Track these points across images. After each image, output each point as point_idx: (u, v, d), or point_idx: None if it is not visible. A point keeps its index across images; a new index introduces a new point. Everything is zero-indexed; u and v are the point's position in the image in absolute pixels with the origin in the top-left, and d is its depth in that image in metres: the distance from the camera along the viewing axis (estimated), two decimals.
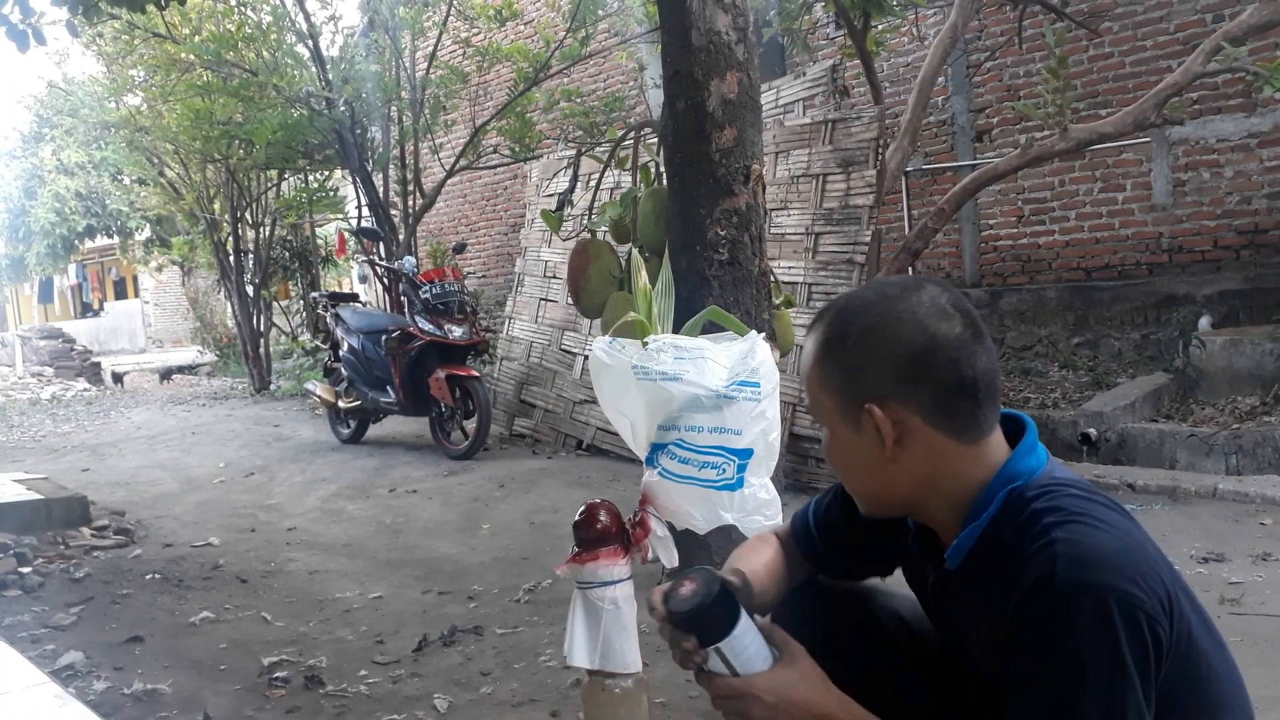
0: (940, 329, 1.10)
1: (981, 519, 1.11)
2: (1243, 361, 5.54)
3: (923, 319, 1.10)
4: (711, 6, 3.32)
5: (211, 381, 13.81)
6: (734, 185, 3.36)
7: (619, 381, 1.98)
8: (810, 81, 5.99)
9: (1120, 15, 6.81)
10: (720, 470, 1.98)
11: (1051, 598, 0.98)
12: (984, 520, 1.11)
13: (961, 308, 1.12)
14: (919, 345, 1.10)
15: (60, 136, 16.13)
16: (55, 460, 7.42)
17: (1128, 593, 0.97)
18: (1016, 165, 5.15)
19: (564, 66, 9.10)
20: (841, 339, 1.15)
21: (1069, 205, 7.23)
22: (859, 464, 1.17)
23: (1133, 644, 0.96)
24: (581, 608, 1.85)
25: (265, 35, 9.23)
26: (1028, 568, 1.01)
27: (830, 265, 5.41)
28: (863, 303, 1.16)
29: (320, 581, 4.07)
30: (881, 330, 1.12)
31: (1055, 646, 0.97)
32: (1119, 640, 0.96)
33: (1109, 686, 0.95)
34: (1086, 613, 0.96)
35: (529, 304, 7.32)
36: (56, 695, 2.29)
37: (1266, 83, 4.46)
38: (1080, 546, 0.99)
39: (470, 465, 6.32)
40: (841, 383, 1.14)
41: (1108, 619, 0.96)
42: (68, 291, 29.78)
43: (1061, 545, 1.00)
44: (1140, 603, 0.97)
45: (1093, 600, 0.96)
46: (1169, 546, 3.77)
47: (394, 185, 9.93)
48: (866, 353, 1.12)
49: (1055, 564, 0.99)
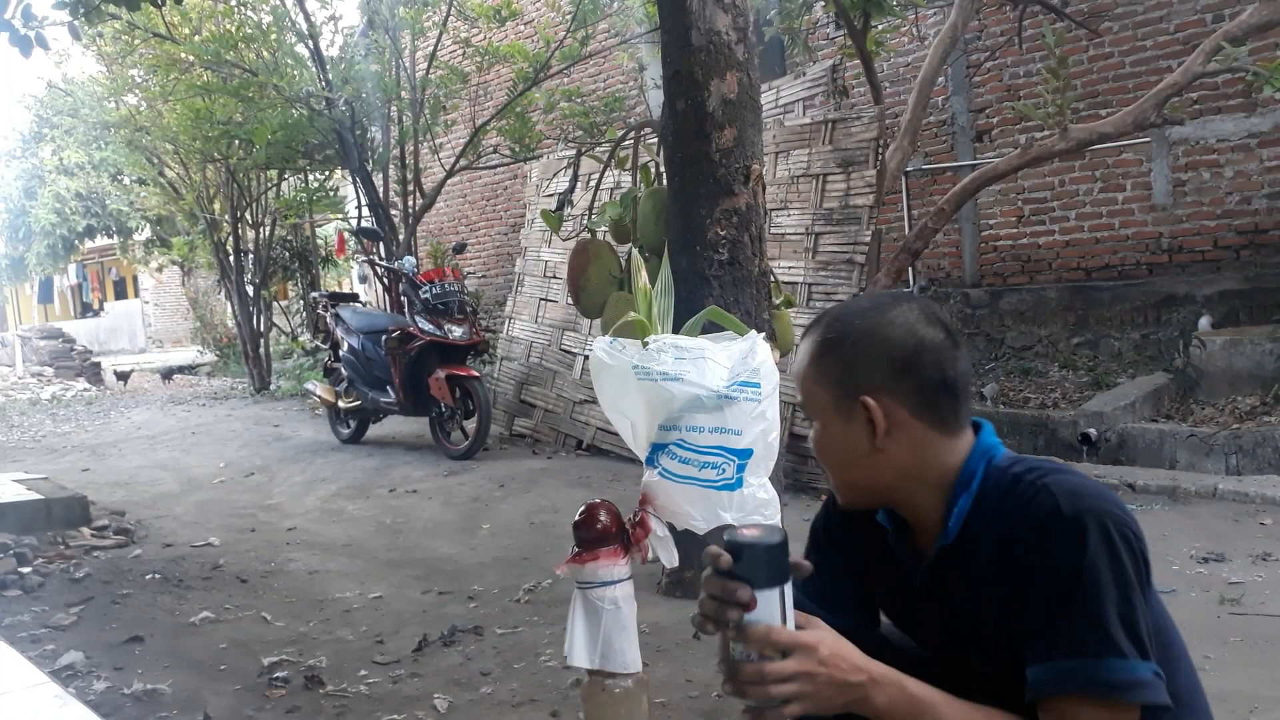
0: (927, 334, 1.25)
1: (972, 487, 1.23)
2: (1243, 361, 5.54)
3: (912, 325, 1.25)
4: (711, 6, 3.32)
5: (211, 381, 13.82)
6: (734, 185, 3.36)
7: (619, 381, 1.98)
8: (810, 81, 6.00)
9: (1120, 15, 6.81)
10: (720, 470, 1.97)
11: (1061, 526, 1.12)
12: (974, 488, 1.23)
13: (942, 320, 1.28)
14: (909, 346, 1.24)
15: (60, 137, 16.11)
16: (55, 460, 7.42)
17: (1117, 515, 1.13)
18: (1016, 165, 5.15)
19: (564, 66, 9.10)
20: (840, 339, 1.27)
21: (1069, 205, 7.23)
22: (848, 454, 1.28)
23: (1130, 556, 1.12)
24: (581, 608, 1.85)
25: (265, 35, 9.23)
26: (1030, 510, 1.16)
27: (830, 265, 5.41)
28: (858, 309, 1.31)
29: (320, 581, 4.07)
30: (876, 332, 1.26)
31: (1073, 566, 1.11)
32: (1120, 553, 1.11)
33: (1122, 594, 1.10)
34: (1092, 533, 1.11)
35: (529, 304, 7.32)
36: (56, 695, 2.29)
37: (1266, 83, 4.46)
38: (1070, 485, 1.16)
39: (470, 465, 6.32)
40: (839, 377, 1.26)
41: (1108, 536, 1.11)
42: (68, 291, 29.78)
43: (1055, 486, 1.16)
44: (1128, 522, 1.14)
45: (1095, 522, 1.12)
46: (1169, 546, 3.77)
47: (394, 185, 9.93)
48: (863, 351, 1.25)
49: (1057, 499, 1.14)
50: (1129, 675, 1.09)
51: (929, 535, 1.29)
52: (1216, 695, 2.49)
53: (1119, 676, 1.09)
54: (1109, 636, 1.09)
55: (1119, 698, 1.09)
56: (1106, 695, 1.09)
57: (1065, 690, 1.11)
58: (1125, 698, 1.09)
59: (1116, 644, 1.09)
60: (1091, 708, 1.10)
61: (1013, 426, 5.68)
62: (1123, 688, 1.09)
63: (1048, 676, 1.13)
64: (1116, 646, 1.09)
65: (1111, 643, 1.09)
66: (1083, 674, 1.10)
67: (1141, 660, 1.10)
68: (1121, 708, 1.10)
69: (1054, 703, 1.12)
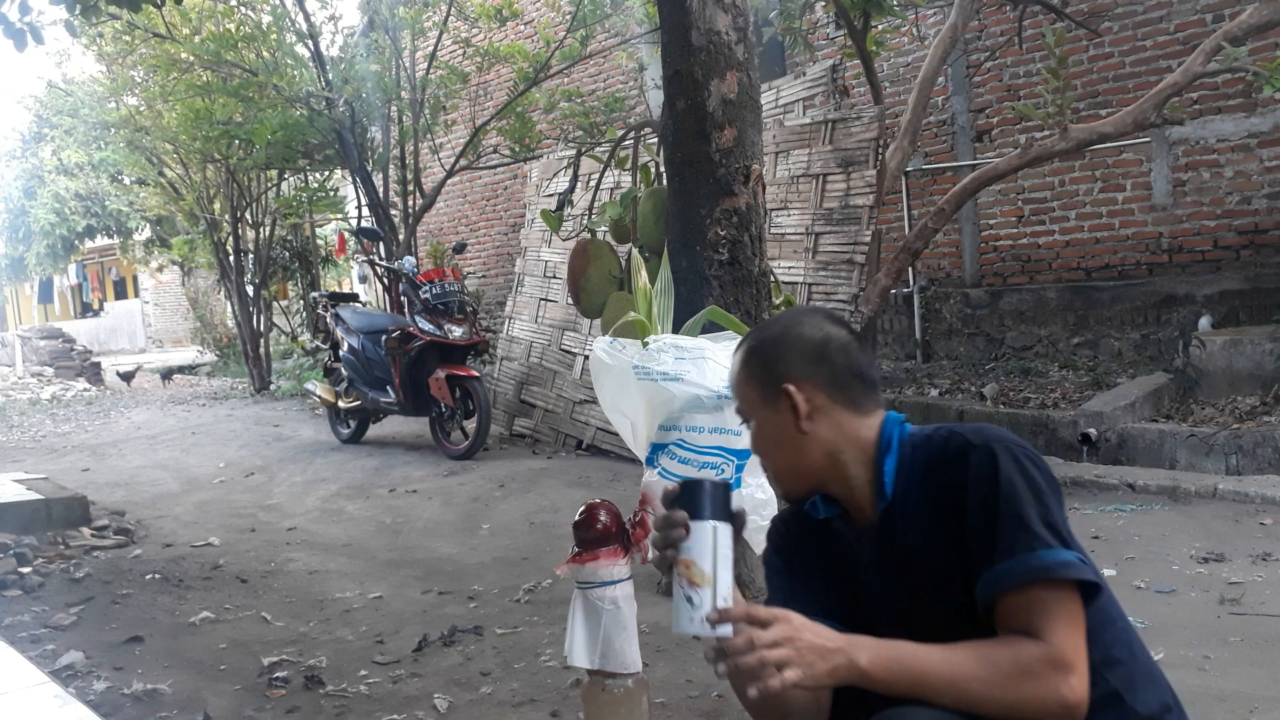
0: (833, 331, 1.45)
1: (893, 448, 1.40)
2: (1243, 361, 5.54)
3: (820, 324, 1.46)
4: (711, 6, 3.32)
5: (211, 381, 13.81)
6: (734, 185, 3.36)
7: (619, 381, 1.98)
8: (810, 81, 5.99)
9: (1120, 15, 6.80)
10: (720, 470, 1.98)
11: (975, 455, 1.31)
12: (895, 449, 1.40)
13: (847, 324, 1.50)
14: (818, 339, 1.44)
15: (60, 137, 16.09)
16: (55, 460, 7.42)
17: (1019, 443, 1.32)
18: (1016, 165, 5.15)
19: (564, 66, 9.10)
20: (761, 343, 1.47)
21: (1069, 205, 7.22)
22: (780, 440, 1.43)
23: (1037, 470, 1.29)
24: (581, 608, 1.85)
25: (265, 35, 9.22)
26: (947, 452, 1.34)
27: (830, 265, 5.41)
28: (775, 321, 1.54)
29: (320, 581, 4.07)
30: (790, 331, 1.46)
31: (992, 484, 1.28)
32: (1028, 468, 1.29)
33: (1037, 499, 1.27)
34: (1002, 455, 1.29)
35: (529, 304, 7.32)
36: (56, 695, 2.29)
37: (1266, 83, 4.46)
38: (974, 427, 1.36)
39: (470, 465, 6.32)
40: (762, 374, 1.44)
41: (1015, 456, 1.29)
42: (68, 291, 29.78)
43: (962, 429, 1.36)
44: (1029, 449, 1.32)
45: (1001, 447, 1.30)
46: (1169, 546, 3.78)
47: (394, 185, 9.93)
48: (781, 348, 1.44)
49: (966, 437, 1.34)
50: (1056, 558, 1.24)
51: (866, 509, 1.42)
52: (1217, 695, 2.50)
53: (1047, 560, 1.24)
54: (1034, 534, 1.25)
55: (1051, 576, 1.23)
56: (1041, 578, 1.23)
57: (1007, 586, 1.25)
58: (1056, 575, 1.23)
59: (1041, 537, 1.25)
60: (1036, 592, 1.24)
61: (1013, 427, 5.68)
62: (1053, 568, 1.23)
63: (991, 580, 1.26)
64: (1042, 539, 1.25)
65: (1038, 537, 1.25)
66: (1019, 567, 1.24)
67: (1065, 548, 1.25)
68: (1060, 587, 1.24)
69: (1004, 602, 1.26)
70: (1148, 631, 2.94)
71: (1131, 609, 3.11)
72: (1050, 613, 1.23)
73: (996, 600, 1.26)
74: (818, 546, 1.49)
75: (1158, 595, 3.29)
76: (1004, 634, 1.25)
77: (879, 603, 1.41)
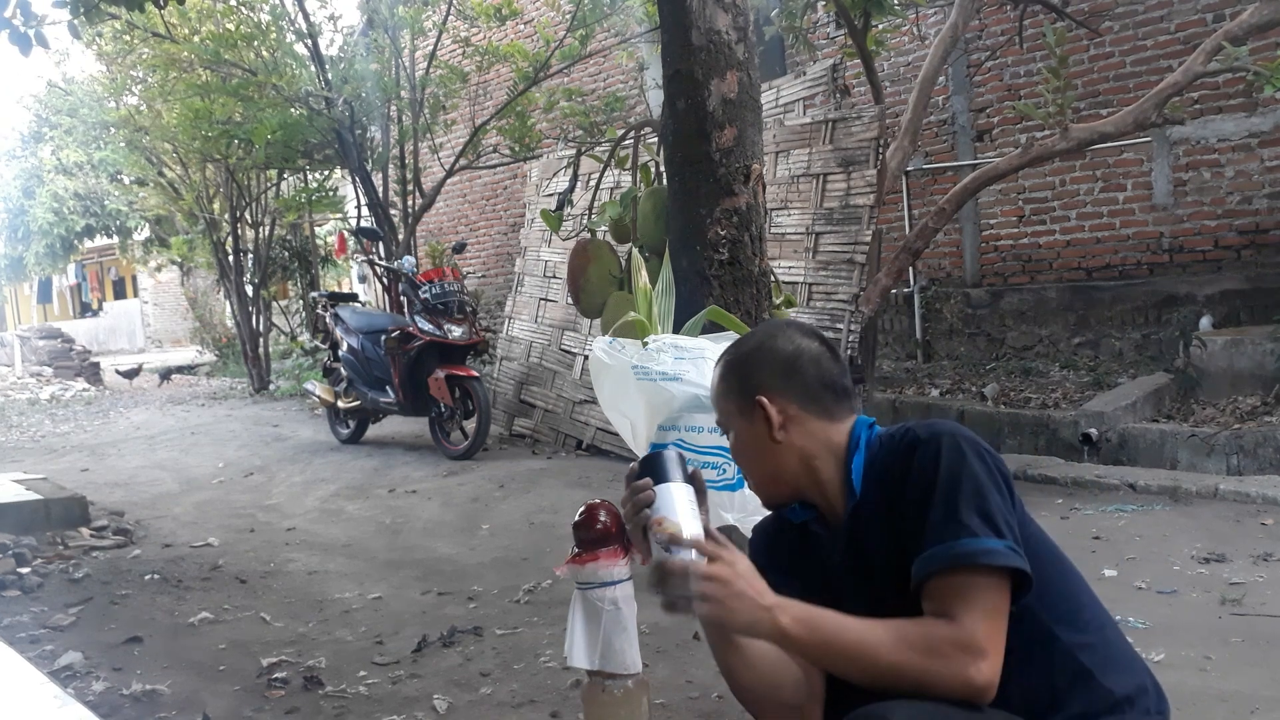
0: (805, 344, 1.51)
1: (860, 448, 1.45)
2: (1244, 361, 5.54)
3: (792, 338, 1.52)
4: (711, 6, 3.32)
5: (211, 381, 13.81)
6: (734, 185, 3.36)
7: (619, 381, 1.98)
8: (810, 81, 5.99)
9: (1120, 15, 6.80)
10: (720, 470, 1.97)
11: (920, 447, 1.35)
12: (862, 448, 1.44)
13: (820, 336, 1.55)
14: (789, 352, 1.50)
15: (60, 136, 16.09)
16: (54, 460, 7.42)
17: (968, 435, 1.35)
18: (1017, 165, 5.14)
19: (564, 66, 9.09)
20: (737, 358, 1.54)
21: (1069, 205, 7.22)
22: (756, 450, 1.49)
23: (979, 461, 1.31)
24: (581, 608, 1.84)
25: (265, 35, 9.22)
26: (899, 446, 1.39)
27: (830, 265, 5.40)
28: (750, 336, 1.61)
29: (320, 582, 4.07)
30: (764, 346, 1.52)
31: (930, 473, 1.32)
32: (968, 457, 1.31)
33: (974, 488, 1.29)
34: (945, 445, 1.32)
35: (529, 304, 7.31)
36: (56, 695, 2.28)
37: (1267, 82, 4.45)
38: (928, 422, 1.40)
39: (470, 465, 6.31)
40: (739, 387, 1.50)
41: (958, 446, 1.32)
42: (67, 291, 29.76)
43: (916, 425, 1.40)
44: (979, 441, 1.34)
45: (948, 438, 1.33)
46: (1170, 546, 3.77)
47: (394, 185, 9.92)
48: (755, 362, 1.51)
49: (915, 431, 1.38)
50: (979, 545, 1.26)
51: (838, 509, 1.47)
52: (1218, 695, 2.49)
53: (971, 547, 1.26)
54: (961, 522, 1.27)
55: (974, 562, 1.26)
56: (963, 563, 1.26)
57: (932, 570, 1.28)
58: (979, 562, 1.25)
59: (968, 526, 1.27)
60: (956, 577, 1.27)
61: (1013, 426, 5.68)
62: (974, 555, 1.26)
63: (919, 566, 1.29)
64: (968, 528, 1.27)
65: (964, 526, 1.27)
66: (942, 553, 1.27)
67: (993, 537, 1.27)
68: (982, 573, 1.26)
69: (928, 587, 1.29)
70: (1149, 632, 2.94)
71: (1132, 609, 3.10)
72: (966, 597, 1.25)
73: (922, 585, 1.29)
74: (796, 550, 1.54)
75: (1159, 595, 3.28)
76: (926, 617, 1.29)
77: (851, 601, 1.42)
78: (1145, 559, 3.66)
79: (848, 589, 1.43)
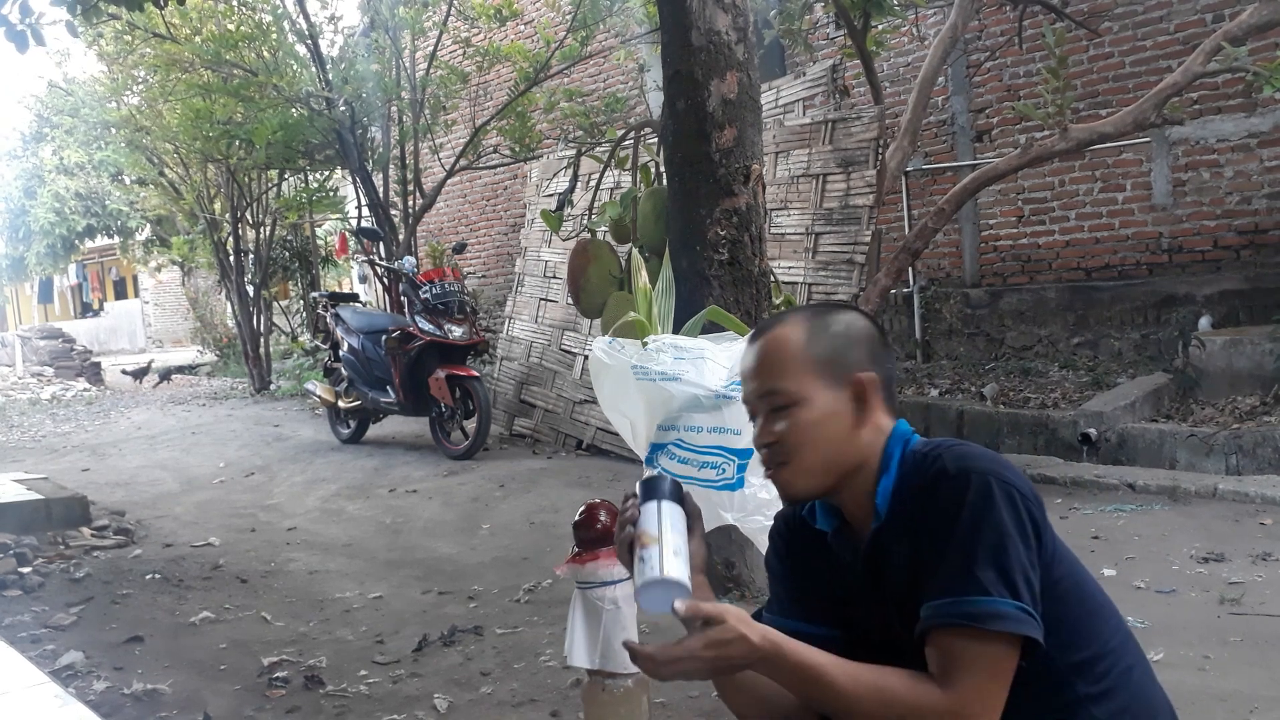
0: (877, 334, 1.42)
1: (890, 468, 1.34)
2: (1243, 361, 5.54)
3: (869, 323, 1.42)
4: (711, 6, 3.32)
5: (211, 381, 13.81)
6: (734, 185, 3.36)
7: (619, 381, 1.98)
8: (810, 81, 5.99)
9: (1120, 15, 6.80)
10: (720, 470, 1.98)
11: (945, 483, 1.24)
12: (893, 469, 1.34)
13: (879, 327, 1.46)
14: (878, 337, 1.41)
15: (60, 137, 16.10)
16: (55, 460, 7.42)
17: (1001, 474, 1.23)
18: (1016, 165, 5.14)
19: (564, 66, 9.10)
20: (826, 325, 1.39)
21: (1069, 205, 7.22)
22: (831, 432, 1.35)
23: (1009, 508, 1.21)
24: (581, 608, 1.85)
25: (265, 35, 9.22)
26: (925, 477, 1.28)
27: (830, 265, 5.41)
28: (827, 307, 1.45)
29: (320, 581, 4.07)
30: (855, 321, 1.41)
31: (951, 516, 1.22)
32: (996, 504, 1.20)
33: (996, 539, 1.19)
34: (973, 487, 1.22)
35: (529, 304, 7.32)
36: (56, 695, 2.28)
37: (1266, 83, 4.45)
38: (960, 452, 1.28)
39: (470, 465, 6.32)
40: (831, 357, 1.36)
41: (987, 489, 1.21)
42: (68, 291, 29.77)
43: (946, 454, 1.28)
44: (1014, 481, 1.23)
45: (977, 478, 1.22)
46: (1169, 546, 3.78)
47: (394, 185, 9.93)
48: (852, 334, 1.38)
49: (944, 463, 1.27)
50: (986, 607, 1.17)
51: (862, 524, 1.37)
52: (1217, 695, 2.50)
53: (977, 608, 1.17)
54: (974, 576, 1.18)
55: (977, 626, 1.17)
56: (968, 624, 1.17)
57: (934, 624, 1.20)
58: (983, 626, 1.17)
59: (980, 583, 1.18)
60: (959, 639, 1.18)
61: (1013, 426, 5.68)
62: (980, 618, 1.17)
63: (926, 614, 1.22)
64: (979, 585, 1.18)
65: (976, 581, 1.18)
66: (947, 608, 1.19)
67: (1007, 598, 1.17)
68: (988, 639, 1.17)
69: (931, 638, 1.21)
70: (1148, 631, 2.94)
71: (1132, 609, 3.11)
72: (965, 663, 1.18)
73: (925, 636, 1.22)
74: (815, 555, 1.46)
75: (1158, 595, 3.29)
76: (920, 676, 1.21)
77: (864, 623, 1.38)
78: (1144, 558, 3.67)
79: (862, 610, 1.37)
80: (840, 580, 1.40)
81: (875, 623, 1.35)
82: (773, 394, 1.36)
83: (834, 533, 1.41)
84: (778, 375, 1.37)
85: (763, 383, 1.38)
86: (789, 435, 1.36)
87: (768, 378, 1.38)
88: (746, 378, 1.41)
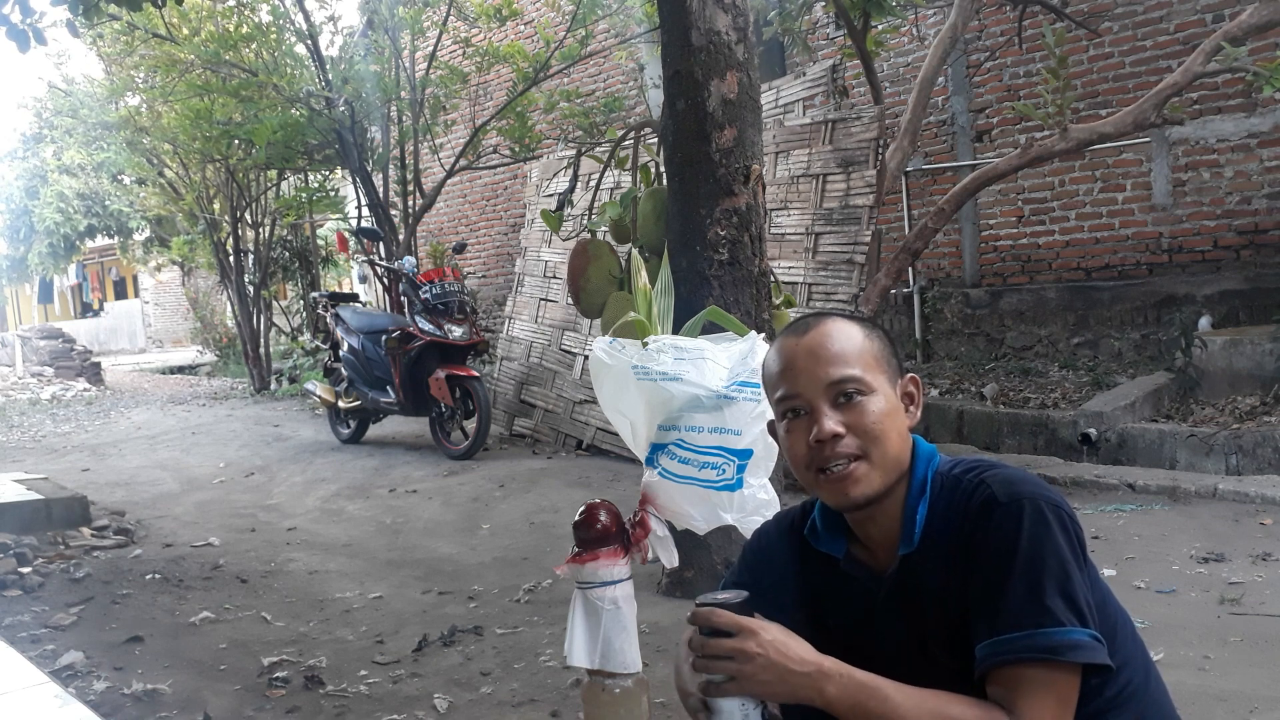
0: None
1: (927, 493, 1.31)
2: (1243, 361, 5.54)
3: None
4: (711, 6, 3.32)
5: (211, 381, 13.81)
6: (734, 185, 3.36)
7: (619, 381, 1.98)
8: (810, 81, 5.99)
9: (1120, 15, 6.80)
10: (720, 470, 1.97)
11: (998, 512, 1.22)
12: (929, 494, 1.31)
13: None
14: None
15: (61, 137, 16.11)
16: (55, 460, 7.42)
17: (1050, 498, 1.22)
18: (1016, 165, 5.15)
19: (564, 66, 9.10)
20: (875, 327, 1.39)
21: (1069, 205, 7.22)
22: (900, 428, 1.33)
23: (1063, 534, 1.20)
24: (581, 608, 1.85)
25: (265, 35, 9.22)
26: (972, 503, 1.25)
27: (830, 265, 5.41)
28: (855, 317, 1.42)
29: (320, 581, 4.07)
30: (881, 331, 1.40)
31: (1010, 545, 1.19)
32: (1053, 531, 1.20)
33: (1059, 567, 1.18)
34: (1027, 515, 1.20)
35: (529, 304, 7.32)
36: (56, 695, 2.28)
37: (1266, 83, 4.46)
38: (1005, 476, 1.26)
39: (470, 465, 6.32)
40: (888, 358, 1.35)
41: (1042, 516, 1.20)
42: (68, 291, 29.77)
43: (991, 479, 1.26)
44: (1061, 505, 1.22)
45: (1030, 504, 1.21)
46: (1169, 546, 3.78)
47: (394, 185, 9.93)
48: (891, 340, 1.39)
49: (993, 489, 1.24)
50: (1064, 639, 1.15)
51: (881, 547, 1.34)
52: (1217, 695, 2.50)
53: (1054, 640, 1.15)
54: (1046, 607, 1.16)
55: (1055, 659, 1.15)
56: (1044, 658, 1.15)
57: (1006, 659, 1.17)
58: (1062, 658, 1.15)
59: (1053, 613, 1.16)
60: (1032, 670, 1.16)
61: (1013, 426, 5.68)
62: (1058, 650, 1.15)
63: (991, 650, 1.18)
64: (1053, 615, 1.16)
65: (1049, 613, 1.16)
66: (1022, 642, 1.16)
67: (1079, 626, 1.16)
68: (1060, 669, 1.16)
69: (998, 673, 1.18)
70: (1148, 631, 2.94)
71: (1132, 608, 3.08)
72: (1037, 696, 1.15)
73: (990, 668, 1.19)
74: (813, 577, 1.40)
75: (1158, 595, 3.29)
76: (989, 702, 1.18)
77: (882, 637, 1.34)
78: (1144, 558, 3.67)
79: (886, 629, 1.32)
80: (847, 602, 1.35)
81: (895, 648, 1.30)
82: (845, 381, 1.29)
83: (845, 559, 1.37)
84: (850, 363, 1.30)
85: (832, 370, 1.29)
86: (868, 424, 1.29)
87: (839, 365, 1.30)
88: (800, 370, 1.31)
